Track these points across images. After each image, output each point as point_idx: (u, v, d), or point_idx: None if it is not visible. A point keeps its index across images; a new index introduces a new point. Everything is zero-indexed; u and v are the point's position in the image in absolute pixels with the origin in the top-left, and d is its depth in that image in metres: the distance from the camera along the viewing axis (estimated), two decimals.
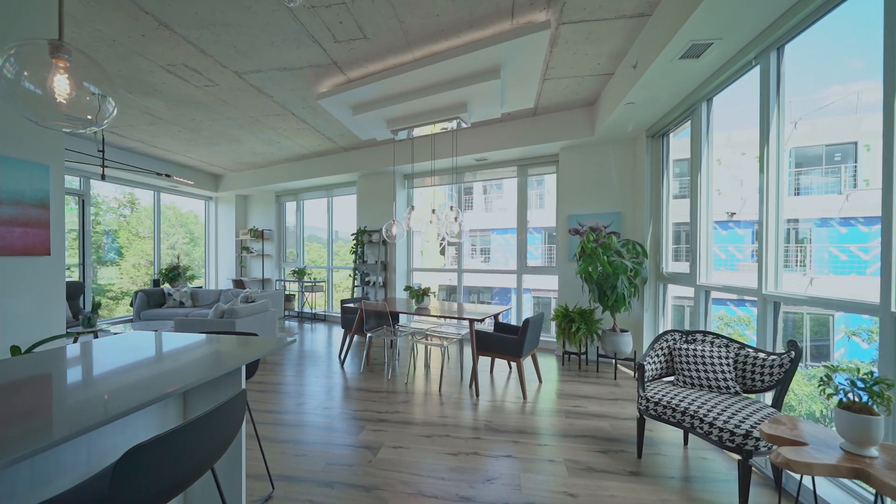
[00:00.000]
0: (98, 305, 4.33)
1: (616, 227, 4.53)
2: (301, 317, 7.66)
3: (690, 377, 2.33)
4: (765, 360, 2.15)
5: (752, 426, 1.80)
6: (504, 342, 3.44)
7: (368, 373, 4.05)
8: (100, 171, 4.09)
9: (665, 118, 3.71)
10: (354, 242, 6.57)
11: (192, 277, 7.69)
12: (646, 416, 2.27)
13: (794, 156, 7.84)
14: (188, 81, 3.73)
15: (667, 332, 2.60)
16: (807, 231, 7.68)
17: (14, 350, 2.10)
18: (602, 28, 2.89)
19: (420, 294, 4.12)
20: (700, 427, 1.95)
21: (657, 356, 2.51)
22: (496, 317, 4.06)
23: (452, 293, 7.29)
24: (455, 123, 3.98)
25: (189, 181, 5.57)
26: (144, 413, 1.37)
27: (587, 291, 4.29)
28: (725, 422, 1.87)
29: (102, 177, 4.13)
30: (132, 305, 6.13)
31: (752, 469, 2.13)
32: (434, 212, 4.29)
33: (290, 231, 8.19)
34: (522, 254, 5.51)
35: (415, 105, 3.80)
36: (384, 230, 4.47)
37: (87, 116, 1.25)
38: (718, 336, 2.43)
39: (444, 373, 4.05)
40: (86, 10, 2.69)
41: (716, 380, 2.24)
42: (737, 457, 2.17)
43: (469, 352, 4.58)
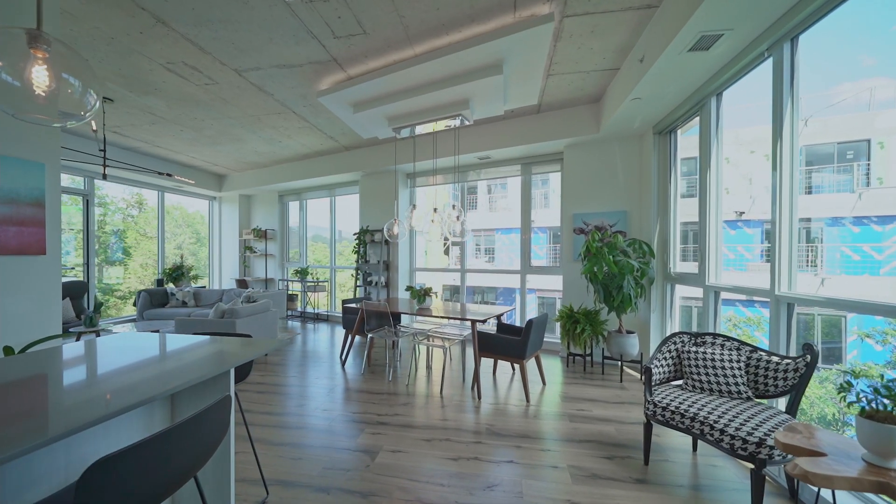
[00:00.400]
0: (100, 305, 4.31)
1: (622, 226, 4.44)
2: (304, 317, 7.64)
3: (700, 381, 2.25)
4: (778, 364, 2.06)
5: (766, 434, 1.72)
6: (507, 343, 3.36)
7: (369, 374, 3.99)
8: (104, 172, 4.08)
9: (672, 114, 3.61)
10: (357, 242, 6.53)
11: (196, 277, 7.70)
12: (653, 422, 2.18)
13: (805, 154, 7.67)
14: (188, 80, 3.70)
15: (675, 334, 2.51)
16: (818, 230, 7.51)
17: (7, 351, 2.06)
18: (608, 21, 2.80)
19: (422, 294, 4.06)
20: (711, 434, 1.87)
21: (665, 359, 2.42)
22: (499, 317, 3.99)
23: (456, 293, 7.23)
24: (458, 121, 3.91)
25: (190, 180, 5.55)
26: (128, 417, 1.32)
27: (592, 292, 4.20)
28: (737, 429, 1.78)
29: (104, 176, 4.12)
30: (135, 305, 6.15)
31: (766, 478, 2.04)
32: (436, 210, 4.23)
33: (294, 231, 8.18)
34: (526, 253, 5.43)
35: (416, 102, 3.74)
36: (385, 229, 4.41)
37: (69, 109, 1.20)
38: (729, 338, 2.34)
39: (446, 374, 3.98)
40: (83, 8, 2.66)
41: (726, 384, 2.15)
42: (749, 465, 2.08)
43: (472, 353, 4.51)
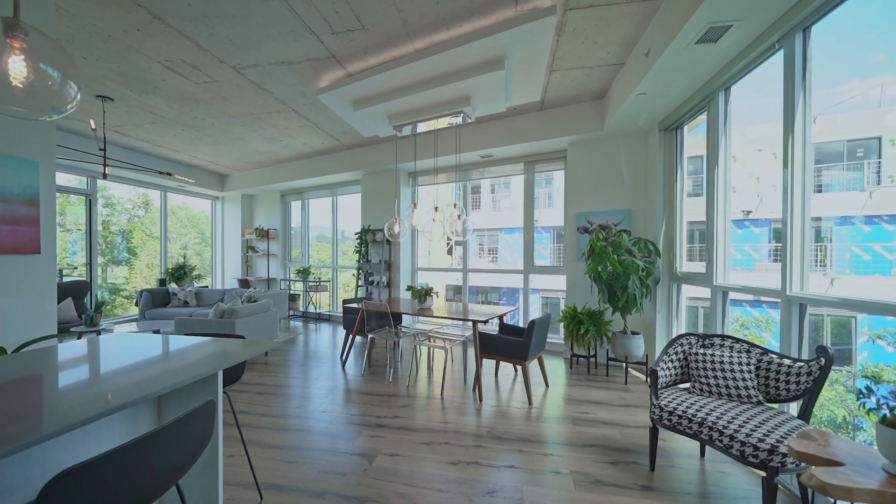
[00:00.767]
0: (101, 304, 4.30)
1: (627, 225, 4.35)
2: (306, 316, 7.62)
3: (708, 384, 2.17)
4: (790, 368, 1.98)
5: (779, 440, 1.64)
6: (509, 344, 3.30)
7: (369, 375, 3.94)
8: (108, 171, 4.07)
9: (679, 109, 3.52)
10: (358, 242, 6.49)
11: (199, 277, 7.69)
12: (659, 427, 2.11)
13: (814, 152, 7.52)
14: (187, 78, 3.67)
15: (681, 336, 2.44)
16: (827, 230, 7.36)
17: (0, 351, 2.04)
18: (612, 13, 2.73)
19: (423, 294, 4.00)
20: (720, 440, 1.80)
21: (671, 361, 2.35)
22: (501, 318, 3.92)
23: (459, 293, 7.17)
24: (459, 118, 3.85)
25: (191, 179, 5.53)
26: (109, 422, 1.27)
27: (596, 292, 4.12)
28: (748, 435, 1.71)
29: (104, 175, 4.10)
30: (137, 304, 6.15)
31: (778, 487, 1.97)
32: (437, 209, 4.17)
33: (296, 230, 8.15)
34: (530, 253, 5.36)
35: (417, 99, 3.68)
36: (386, 229, 4.36)
37: (49, 102, 1.16)
38: (738, 340, 2.26)
39: (447, 376, 3.92)
40: (79, 4, 2.63)
41: (736, 388, 2.08)
42: (760, 473, 2.00)
43: (473, 354, 4.44)
